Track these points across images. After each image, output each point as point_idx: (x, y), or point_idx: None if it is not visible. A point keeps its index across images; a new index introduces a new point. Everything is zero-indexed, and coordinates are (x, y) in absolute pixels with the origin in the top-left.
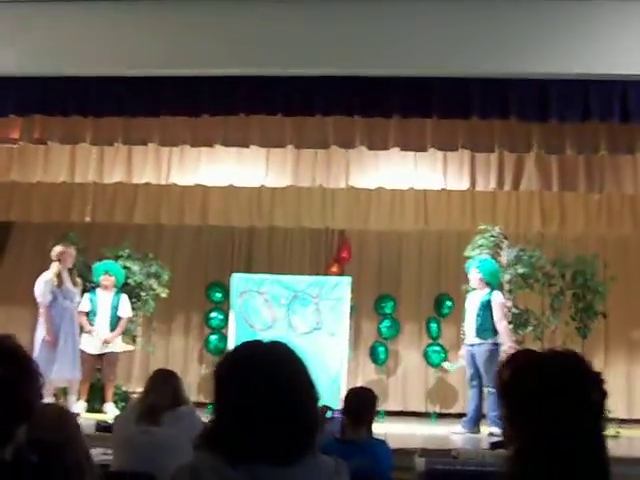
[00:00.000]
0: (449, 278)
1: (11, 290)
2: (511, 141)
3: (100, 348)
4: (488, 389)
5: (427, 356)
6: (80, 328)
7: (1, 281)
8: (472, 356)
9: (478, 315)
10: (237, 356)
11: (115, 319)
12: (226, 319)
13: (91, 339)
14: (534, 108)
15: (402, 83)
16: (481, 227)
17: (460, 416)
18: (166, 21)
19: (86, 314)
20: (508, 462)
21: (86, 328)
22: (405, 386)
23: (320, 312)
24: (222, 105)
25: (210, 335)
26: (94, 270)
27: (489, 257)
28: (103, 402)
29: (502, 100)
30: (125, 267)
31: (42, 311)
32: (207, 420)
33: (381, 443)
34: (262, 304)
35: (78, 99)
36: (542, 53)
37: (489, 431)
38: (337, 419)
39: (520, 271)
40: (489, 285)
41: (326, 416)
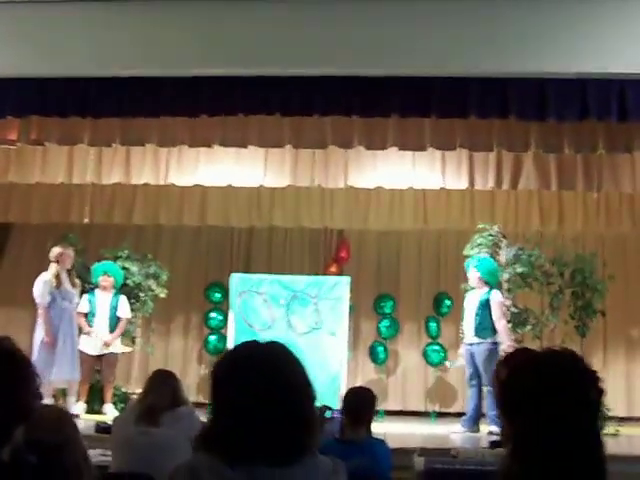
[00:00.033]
0: (448, 277)
1: (10, 291)
2: (509, 140)
3: (99, 349)
4: (487, 388)
5: (426, 355)
6: (79, 329)
7: (0, 282)
8: (471, 355)
9: (477, 314)
10: (235, 356)
11: (114, 320)
12: (225, 319)
13: (90, 340)
14: (532, 107)
15: (401, 83)
16: (480, 226)
17: (459, 415)
18: (164, 22)
19: (85, 315)
20: (506, 460)
21: (85, 329)
22: (404, 385)
23: (319, 312)
24: (220, 105)
25: (209, 335)
26: (93, 271)
27: (488, 256)
28: (102, 403)
29: (500, 99)
30: (124, 268)
31: (41, 312)
32: (205, 420)
33: (380, 443)
34: (261, 304)
35: (76, 100)
36: (540, 52)
37: (488, 430)
38: (336, 419)
39: (519, 270)
40: (488, 284)
41: (325, 416)
